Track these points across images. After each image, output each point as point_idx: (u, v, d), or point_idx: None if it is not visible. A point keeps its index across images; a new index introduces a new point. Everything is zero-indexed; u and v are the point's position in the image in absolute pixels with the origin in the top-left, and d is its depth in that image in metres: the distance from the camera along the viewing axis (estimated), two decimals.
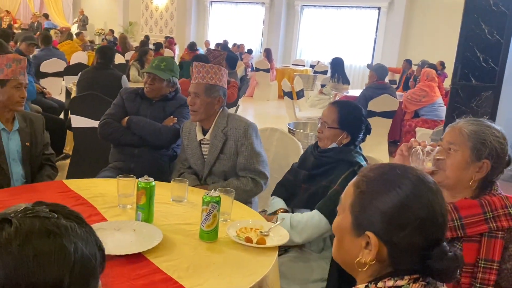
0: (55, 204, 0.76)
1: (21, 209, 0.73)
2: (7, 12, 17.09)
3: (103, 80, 4.40)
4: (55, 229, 0.70)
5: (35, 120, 2.51)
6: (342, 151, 2.16)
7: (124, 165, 2.77)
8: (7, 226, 0.69)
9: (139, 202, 1.81)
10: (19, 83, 2.34)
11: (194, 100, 2.40)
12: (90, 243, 0.74)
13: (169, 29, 16.84)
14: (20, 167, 2.40)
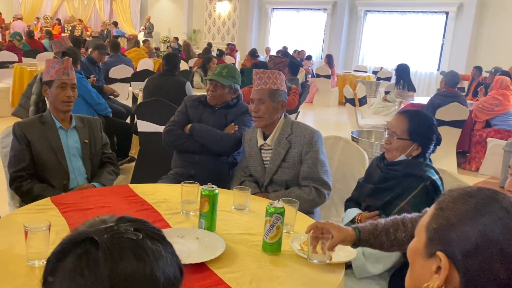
0: (138, 221, 0.74)
1: (106, 227, 0.70)
2: (80, 21, 18.08)
3: (168, 86, 4.50)
4: (144, 255, 0.68)
5: (93, 121, 2.62)
6: (411, 164, 2.04)
7: (184, 171, 2.80)
8: (94, 248, 0.66)
9: (202, 210, 1.79)
10: (63, 83, 2.44)
11: (259, 106, 2.39)
12: (173, 266, 0.73)
13: (231, 36, 17.09)
14: (80, 162, 2.50)
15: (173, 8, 18.99)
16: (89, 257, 0.66)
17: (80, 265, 0.65)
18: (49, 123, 2.45)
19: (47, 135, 2.41)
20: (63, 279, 0.66)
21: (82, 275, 0.65)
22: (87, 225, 0.71)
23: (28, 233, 1.44)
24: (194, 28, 18.00)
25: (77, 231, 0.70)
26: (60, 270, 0.66)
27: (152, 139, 3.86)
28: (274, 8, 15.83)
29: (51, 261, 0.69)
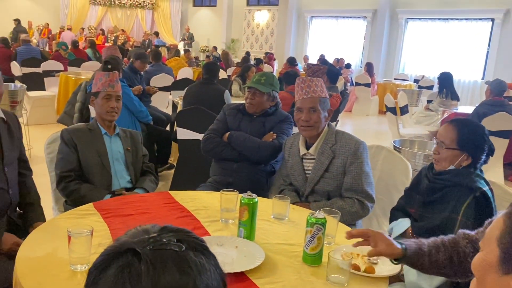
0: (181, 231, 0.72)
1: (148, 237, 0.68)
2: (122, 31, 18.61)
3: (207, 94, 4.54)
4: (187, 268, 0.66)
5: (134, 133, 2.74)
6: (460, 174, 1.96)
7: (222, 179, 2.80)
8: (136, 260, 0.65)
9: (242, 218, 1.77)
10: (108, 94, 2.55)
11: (310, 115, 2.33)
12: (217, 278, 0.70)
13: (269, 45, 17.16)
14: (122, 167, 2.57)
15: (212, 18, 19.27)
16: (131, 269, 0.64)
17: (122, 278, 0.63)
18: (95, 129, 2.56)
19: (93, 140, 2.52)
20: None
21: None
22: (130, 235, 0.70)
23: (71, 238, 1.46)
24: (232, 37, 18.19)
25: (119, 241, 0.69)
26: (102, 282, 0.65)
27: (191, 146, 3.89)
28: (313, 17, 15.79)
29: (92, 272, 0.67)
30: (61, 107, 6.59)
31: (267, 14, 17.26)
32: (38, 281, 1.40)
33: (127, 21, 20.03)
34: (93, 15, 19.74)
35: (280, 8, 16.66)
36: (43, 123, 6.88)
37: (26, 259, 1.51)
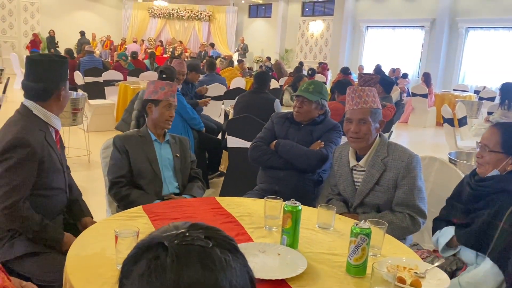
0: (210, 228, 0.72)
1: (177, 233, 0.70)
2: (180, 42, 19.17)
3: (257, 103, 4.58)
4: (210, 264, 0.66)
5: (183, 139, 2.78)
6: (504, 179, 1.86)
7: (269, 187, 2.80)
8: (163, 254, 0.66)
9: (285, 226, 1.76)
10: (169, 104, 2.62)
11: (360, 127, 2.25)
12: (244, 277, 0.70)
13: (323, 55, 17.09)
14: (171, 173, 2.62)
15: (267, 29, 19.47)
16: (157, 262, 0.66)
17: (149, 270, 0.65)
18: (146, 136, 2.63)
19: (144, 146, 2.59)
20: (134, 282, 0.66)
21: (149, 281, 0.65)
22: (161, 231, 0.72)
23: (118, 238, 1.51)
24: (286, 47, 18.28)
25: (151, 236, 0.71)
26: (133, 274, 0.67)
27: (241, 154, 3.93)
28: (368, 26, 15.58)
29: (126, 264, 0.70)
30: (120, 114, 6.87)
31: (322, 24, 17.21)
32: (86, 278, 1.45)
33: (184, 33, 20.62)
34: (152, 27, 20.50)
35: (335, 18, 16.57)
36: (103, 130, 7.18)
37: (76, 256, 1.58)
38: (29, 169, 1.95)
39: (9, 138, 1.93)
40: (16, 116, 2.06)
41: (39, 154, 1.97)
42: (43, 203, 2.05)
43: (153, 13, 20.24)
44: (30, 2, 18.52)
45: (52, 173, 2.07)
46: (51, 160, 2.05)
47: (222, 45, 19.92)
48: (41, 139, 2.01)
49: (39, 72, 2.03)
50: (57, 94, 2.07)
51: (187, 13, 20.24)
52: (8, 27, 18.27)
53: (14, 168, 1.92)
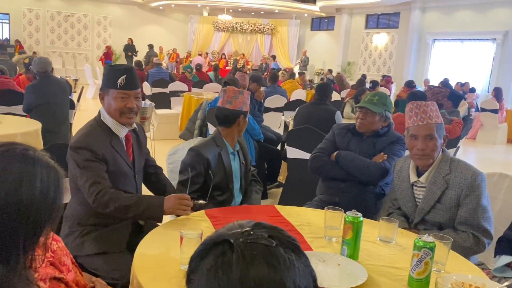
0: (273, 228, 0.75)
1: (242, 231, 0.72)
2: (242, 55, 19.53)
3: (318, 114, 4.57)
4: (275, 262, 0.68)
5: (241, 141, 2.73)
6: None
7: (329, 199, 2.78)
8: (229, 251, 0.69)
9: (346, 237, 1.76)
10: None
11: (426, 143, 2.17)
12: (307, 277, 0.72)
13: (387, 68, 16.75)
14: (239, 183, 2.62)
15: (329, 41, 19.39)
16: (224, 258, 0.68)
17: (216, 266, 0.68)
18: (223, 147, 2.53)
19: (223, 159, 2.50)
20: (201, 277, 0.69)
21: (216, 276, 0.67)
22: (227, 228, 0.74)
23: (183, 239, 1.57)
24: (349, 60, 18.10)
25: (217, 232, 0.74)
26: (200, 269, 0.70)
27: (300, 165, 3.93)
28: (435, 39, 15.11)
29: (193, 260, 0.73)
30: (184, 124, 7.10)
31: (386, 37, 16.91)
32: (152, 276, 1.52)
33: (247, 46, 20.99)
34: (216, 40, 21.05)
35: (400, 31, 16.23)
36: (167, 139, 7.44)
37: (143, 255, 1.65)
38: (98, 167, 2.06)
39: (74, 139, 2.11)
40: (91, 120, 2.22)
41: (101, 155, 2.07)
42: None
43: (217, 27, 20.79)
44: (104, 17, 19.65)
45: (118, 176, 2.16)
46: (116, 164, 2.14)
47: (283, 58, 20.07)
48: (105, 143, 2.12)
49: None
50: (101, 99, 2.19)
51: (250, 26, 20.60)
52: (83, 40, 19.48)
53: (86, 166, 2.04)
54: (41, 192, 1.01)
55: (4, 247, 0.96)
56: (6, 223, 0.96)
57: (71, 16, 19.00)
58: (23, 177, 0.99)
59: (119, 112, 2.13)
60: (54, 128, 4.57)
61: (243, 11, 20.23)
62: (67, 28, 19.07)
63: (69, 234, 2.15)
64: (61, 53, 18.84)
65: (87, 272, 1.88)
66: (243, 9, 19.86)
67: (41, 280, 1.37)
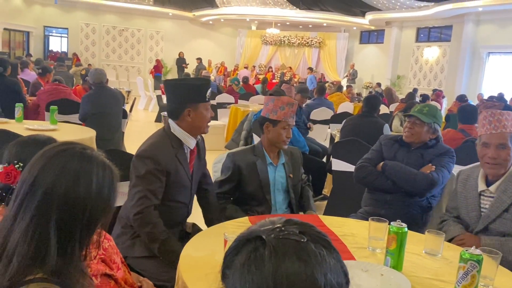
0: (304, 224, 0.77)
1: (273, 227, 0.75)
2: (290, 68, 19.62)
3: (365, 127, 4.53)
4: (306, 257, 0.70)
5: (294, 153, 2.74)
6: None
7: (374, 211, 2.74)
8: (262, 246, 0.72)
9: (389, 247, 1.74)
10: (288, 124, 2.55)
11: (498, 152, 2.13)
12: (338, 272, 0.73)
13: (438, 82, 16.33)
14: (282, 196, 2.61)
15: (379, 54, 19.15)
16: (256, 254, 0.71)
17: (249, 261, 0.71)
18: (261, 157, 2.57)
19: (258, 168, 2.54)
20: (235, 272, 0.72)
21: (249, 271, 0.70)
22: (258, 225, 0.77)
23: (227, 242, 1.61)
24: (398, 73, 17.78)
25: (250, 229, 0.77)
26: (234, 265, 0.73)
27: (346, 178, 3.89)
28: (490, 53, 14.60)
29: (227, 256, 0.76)
30: (230, 134, 7.21)
31: (438, 50, 16.51)
32: (196, 277, 1.57)
33: (294, 59, 21.07)
34: (264, 54, 21.28)
35: (452, 44, 15.82)
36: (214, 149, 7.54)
37: (188, 257, 1.71)
38: (158, 179, 2.11)
39: (142, 149, 2.17)
40: (159, 130, 2.28)
41: (165, 167, 2.12)
42: (164, 213, 2.14)
43: (265, 41, 21.02)
44: (156, 31, 20.36)
45: (177, 187, 2.22)
46: (178, 175, 2.19)
47: (331, 71, 19.99)
48: (171, 155, 2.17)
49: (169, 93, 2.27)
50: (185, 114, 2.18)
51: (298, 40, 20.69)
52: (136, 53, 20.24)
53: (146, 177, 2.09)
54: (97, 189, 1.07)
55: (62, 239, 1.03)
56: (65, 217, 1.03)
57: (125, 30, 19.82)
58: (80, 174, 1.05)
59: (206, 124, 2.23)
60: (108, 136, 4.77)
61: (291, 24, 20.38)
62: (121, 42, 19.89)
63: (121, 234, 2.22)
64: (115, 66, 19.65)
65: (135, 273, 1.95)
66: (291, 23, 20.00)
67: (93, 276, 1.44)
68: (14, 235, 1.01)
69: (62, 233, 1.03)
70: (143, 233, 2.10)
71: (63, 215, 1.02)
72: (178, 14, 19.64)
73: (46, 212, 1.01)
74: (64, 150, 1.09)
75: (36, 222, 1.00)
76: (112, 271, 1.54)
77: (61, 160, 1.06)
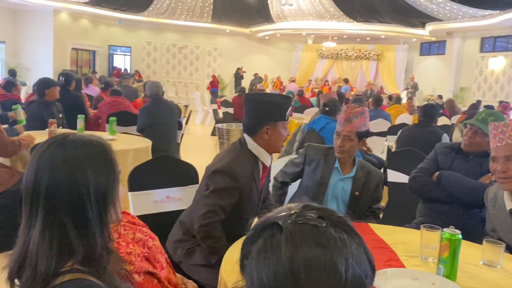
0: (323, 209, 0.73)
1: (290, 213, 0.72)
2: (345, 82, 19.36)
3: (422, 137, 4.36)
4: (325, 241, 0.67)
5: (373, 174, 2.60)
6: None
7: (429, 221, 2.57)
8: (278, 232, 0.69)
9: (442, 255, 1.64)
10: (337, 132, 2.54)
11: (507, 165, 2.00)
12: (362, 259, 0.69)
13: (505, 93, 15.50)
14: (336, 206, 2.53)
15: (440, 66, 18.50)
16: (273, 240, 0.68)
17: (265, 247, 0.68)
18: (331, 158, 2.56)
19: (323, 165, 2.55)
20: (252, 260, 0.70)
21: (266, 257, 0.68)
22: (275, 212, 0.74)
23: None
24: (461, 85, 17.06)
25: (266, 216, 0.74)
26: (251, 253, 0.71)
27: (401, 189, 3.75)
28: None
29: (245, 245, 0.74)
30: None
31: (504, 61, 15.69)
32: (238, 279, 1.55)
33: (351, 72, 20.80)
34: (320, 68, 21.18)
35: None
36: None
37: (231, 259, 1.70)
38: (232, 196, 2.10)
39: (222, 164, 2.13)
40: (236, 145, 2.24)
41: (241, 186, 2.11)
42: (228, 228, 2.12)
43: (321, 54, 20.94)
44: (214, 48, 20.87)
45: (247, 205, 2.20)
46: (250, 193, 2.17)
47: (390, 83, 19.53)
48: (248, 172, 2.14)
49: (249, 108, 2.20)
50: (263, 131, 2.14)
51: (355, 52, 20.44)
52: (194, 70, 20.83)
53: (220, 192, 2.08)
54: (92, 168, 1.07)
55: (80, 228, 1.04)
56: (74, 207, 1.04)
57: (184, 48, 20.48)
58: (70, 162, 1.06)
59: (281, 143, 2.19)
60: (163, 147, 4.90)
61: (348, 37, 20.18)
62: (181, 59, 20.55)
63: (180, 240, 2.22)
64: (174, 82, 20.31)
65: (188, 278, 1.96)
66: (348, 36, 19.82)
67: (136, 273, 1.46)
68: (32, 241, 1.03)
69: (78, 222, 1.04)
70: (205, 245, 2.10)
71: (71, 206, 1.04)
72: (235, 31, 20.04)
73: (54, 209, 1.03)
74: (47, 147, 1.10)
75: (49, 223, 1.02)
76: (155, 270, 1.55)
77: (47, 158, 1.07)
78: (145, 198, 2.51)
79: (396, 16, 17.35)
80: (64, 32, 16.77)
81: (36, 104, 4.76)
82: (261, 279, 0.67)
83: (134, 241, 1.52)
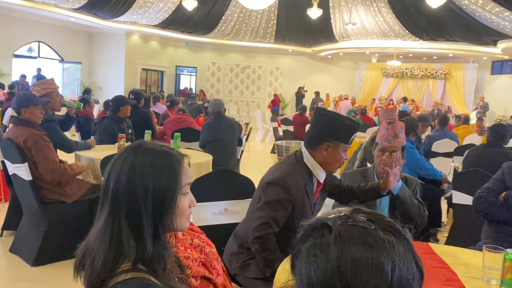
0: (373, 213, 0.76)
1: (340, 215, 0.75)
2: (412, 101, 18.82)
3: (490, 157, 4.16)
4: (373, 242, 0.69)
5: (410, 181, 2.69)
6: None
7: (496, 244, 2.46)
8: (327, 232, 0.72)
9: (505, 276, 1.58)
10: (383, 148, 2.63)
11: None
12: (409, 262, 0.70)
13: None
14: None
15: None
16: (322, 239, 0.72)
17: (314, 246, 0.72)
18: (369, 177, 2.67)
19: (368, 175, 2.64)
20: (301, 258, 0.73)
21: (315, 254, 0.71)
22: (326, 214, 0.78)
23: None
24: None
25: (317, 218, 0.78)
26: (301, 252, 0.74)
27: (467, 211, 3.59)
28: None
29: (296, 244, 0.77)
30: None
31: None
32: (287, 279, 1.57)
33: (417, 91, 20.21)
34: (384, 86, 20.78)
35: None
36: None
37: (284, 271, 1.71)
38: (284, 208, 2.10)
39: (275, 175, 2.15)
40: (291, 158, 2.26)
41: (294, 198, 2.12)
42: (282, 241, 2.11)
43: (386, 73, 20.55)
44: (276, 67, 21.12)
45: (298, 218, 2.20)
46: (303, 207, 2.18)
47: (458, 103, 18.76)
48: (301, 186, 2.14)
49: (316, 120, 2.22)
50: (323, 147, 2.14)
51: (421, 71, 19.88)
52: (256, 89, 21.16)
53: (272, 204, 2.09)
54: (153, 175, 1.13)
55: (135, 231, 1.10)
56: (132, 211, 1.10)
57: (247, 67, 20.90)
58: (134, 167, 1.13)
59: (338, 165, 2.20)
60: (223, 162, 5.02)
61: (414, 56, 19.68)
62: (243, 78, 20.98)
63: (235, 253, 2.25)
64: (237, 101, 20.73)
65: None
66: (414, 54, 19.34)
67: (193, 277, 1.52)
68: (94, 236, 1.11)
69: (132, 224, 1.10)
70: (259, 257, 2.11)
71: (127, 208, 1.10)
72: (298, 50, 20.18)
73: (116, 209, 1.10)
74: (124, 150, 1.18)
75: (110, 221, 1.10)
76: (211, 275, 1.60)
77: (119, 161, 1.15)
78: (204, 209, 2.58)
79: (465, 34, 16.70)
80: (135, 54, 17.74)
81: (108, 119, 5.06)
82: (310, 275, 0.70)
83: (192, 247, 1.59)
